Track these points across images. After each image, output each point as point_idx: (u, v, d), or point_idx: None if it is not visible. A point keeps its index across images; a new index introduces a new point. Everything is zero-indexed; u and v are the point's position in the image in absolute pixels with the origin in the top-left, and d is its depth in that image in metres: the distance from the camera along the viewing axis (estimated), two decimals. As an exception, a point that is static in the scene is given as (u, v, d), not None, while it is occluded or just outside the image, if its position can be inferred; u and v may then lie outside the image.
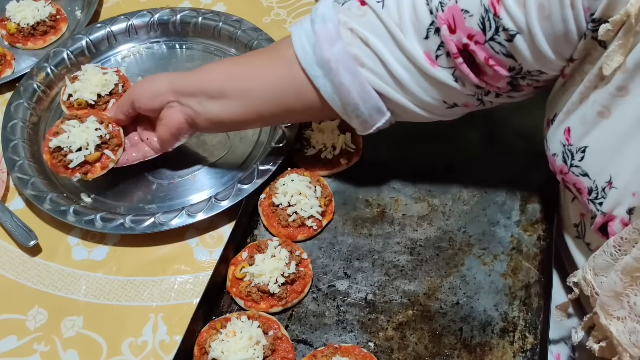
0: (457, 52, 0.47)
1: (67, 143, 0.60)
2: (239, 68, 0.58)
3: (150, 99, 0.59)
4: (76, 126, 0.61)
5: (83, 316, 0.57)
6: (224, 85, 0.56)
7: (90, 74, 0.71)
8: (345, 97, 0.52)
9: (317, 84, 0.53)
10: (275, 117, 0.59)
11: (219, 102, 0.57)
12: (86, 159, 0.61)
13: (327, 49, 0.51)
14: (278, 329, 0.53)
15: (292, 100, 0.55)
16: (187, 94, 0.58)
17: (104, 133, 0.61)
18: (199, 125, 0.60)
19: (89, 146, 0.61)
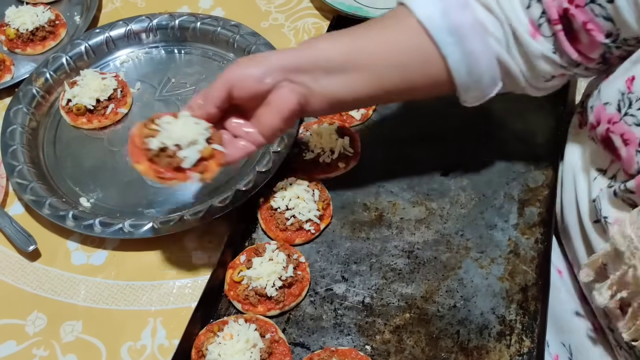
0: (558, 17, 0.48)
1: (174, 139, 0.49)
2: (359, 39, 0.53)
3: (256, 82, 0.51)
4: (171, 122, 0.51)
5: (82, 320, 0.58)
6: (344, 57, 0.52)
7: (89, 78, 0.73)
8: (473, 66, 0.52)
9: (446, 51, 0.51)
10: (397, 92, 0.55)
11: (338, 77, 0.52)
12: (201, 155, 0.51)
13: (459, 15, 0.50)
14: (275, 332, 0.54)
15: (417, 71, 0.53)
16: (299, 70, 0.51)
17: (206, 126, 0.51)
18: (313, 106, 0.53)
19: (197, 141, 0.50)
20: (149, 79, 0.79)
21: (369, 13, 0.83)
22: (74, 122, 0.74)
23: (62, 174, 0.70)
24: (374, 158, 0.69)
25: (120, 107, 0.74)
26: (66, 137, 0.73)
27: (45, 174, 0.69)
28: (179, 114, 0.52)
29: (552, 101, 0.71)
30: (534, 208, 0.64)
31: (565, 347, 0.58)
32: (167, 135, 0.50)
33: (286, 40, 0.83)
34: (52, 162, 0.71)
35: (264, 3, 0.89)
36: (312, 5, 0.89)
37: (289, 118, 0.53)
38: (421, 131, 0.71)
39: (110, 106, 0.73)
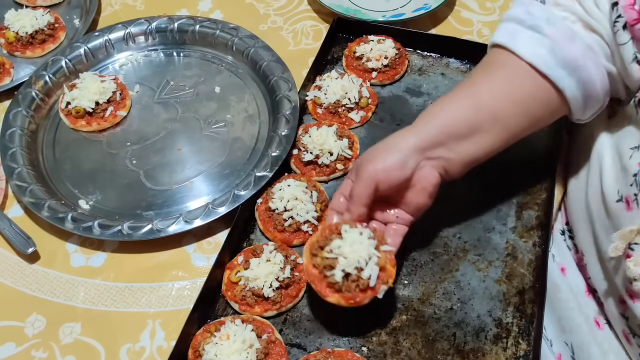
0: (637, 17, 0.49)
1: (353, 263, 0.51)
2: (478, 98, 0.56)
3: (400, 171, 0.53)
4: (341, 244, 0.53)
5: (81, 322, 0.60)
6: (471, 121, 0.55)
7: (88, 81, 0.75)
8: (590, 91, 0.54)
9: (561, 84, 0.54)
10: (524, 131, 0.58)
11: (470, 141, 0.55)
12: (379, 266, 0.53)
13: (568, 48, 0.53)
14: (272, 333, 0.55)
15: (540, 110, 0.56)
16: (433, 146, 0.54)
17: (369, 234, 0.54)
18: (452, 173, 0.57)
19: (371, 254, 0.52)
20: (148, 82, 0.81)
21: (366, 16, 0.85)
22: (73, 124, 0.76)
23: (61, 177, 0.71)
24: (372, 160, 0.70)
25: (119, 109, 0.76)
26: (65, 140, 0.75)
27: (45, 177, 0.71)
28: (342, 230, 0.54)
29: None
30: (532, 211, 0.65)
31: (568, 346, 0.59)
32: (345, 262, 0.52)
33: (285, 43, 0.85)
34: (52, 164, 0.73)
35: (263, 6, 0.91)
36: (311, 8, 0.91)
37: (433, 193, 0.57)
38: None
39: (110, 109, 0.75)
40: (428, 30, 0.86)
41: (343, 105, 0.73)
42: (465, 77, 0.78)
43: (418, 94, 0.77)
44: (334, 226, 0.56)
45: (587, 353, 0.57)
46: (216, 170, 0.71)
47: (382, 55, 0.77)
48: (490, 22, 0.87)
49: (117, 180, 0.70)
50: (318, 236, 0.56)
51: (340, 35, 0.84)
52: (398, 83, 0.78)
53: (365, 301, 0.53)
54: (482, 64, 0.59)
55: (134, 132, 0.75)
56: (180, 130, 0.75)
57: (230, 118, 0.76)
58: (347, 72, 0.78)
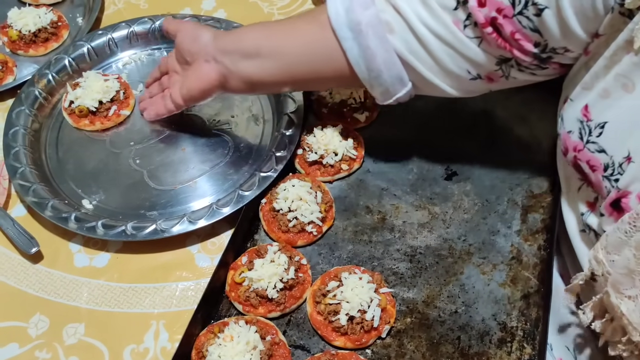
0: (485, 21, 0.51)
1: (357, 306, 0.56)
2: (274, 28, 0.62)
3: (191, 41, 0.64)
4: (343, 290, 0.57)
5: (84, 323, 0.60)
6: (259, 43, 0.60)
7: (92, 80, 0.76)
8: (370, 62, 0.56)
9: (345, 45, 0.56)
10: (306, 80, 0.63)
11: (253, 61, 0.60)
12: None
13: (360, 12, 0.55)
14: (275, 334, 0.56)
15: (322, 63, 0.59)
16: (223, 51, 0.61)
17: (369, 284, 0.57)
18: (231, 85, 0.63)
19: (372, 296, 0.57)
20: (151, 82, 0.81)
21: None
22: (76, 123, 0.76)
23: (65, 176, 0.72)
24: (377, 160, 0.70)
25: (122, 108, 0.77)
26: (69, 139, 0.75)
27: (48, 176, 0.71)
28: (341, 277, 0.58)
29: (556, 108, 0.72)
30: (537, 214, 0.65)
31: (569, 350, 0.59)
32: (348, 306, 0.55)
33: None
34: (55, 163, 0.73)
35: (267, 5, 0.91)
36: (314, 7, 0.90)
37: (206, 90, 0.64)
38: (425, 135, 0.72)
39: (113, 108, 0.75)
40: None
41: (348, 105, 0.73)
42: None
43: (424, 95, 0.75)
44: (333, 273, 0.60)
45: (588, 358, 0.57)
46: (220, 170, 0.71)
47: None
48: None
49: (121, 180, 0.71)
50: (318, 284, 0.59)
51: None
52: (404, 83, 0.78)
53: (370, 341, 0.56)
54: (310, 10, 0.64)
55: (137, 132, 0.75)
56: (184, 130, 0.75)
57: (234, 118, 0.76)
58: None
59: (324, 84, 0.67)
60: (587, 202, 0.54)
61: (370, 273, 0.59)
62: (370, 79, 0.58)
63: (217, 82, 0.63)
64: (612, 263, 0.45)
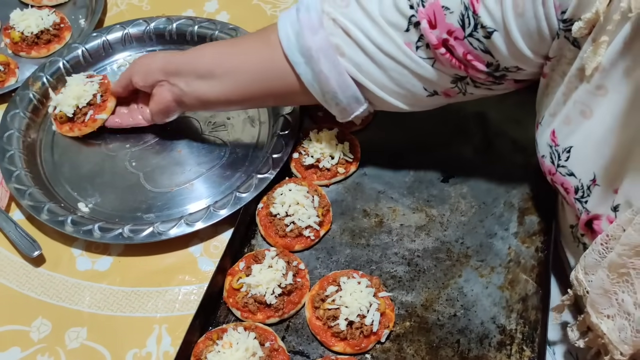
0: (438, 42, 0.49)
1: (356, 311, 0.53)
2: (227, 49, 0.61)
3: (143, 77, 0.63)
4: (342, 294, 0.54)
5: (87, 327, 0.57)
6: (212, 65, 0.59)
7: (73, 84, 0.70)
8: (324, 85, 0.55)
9: (298, 70, 0.55)
10: (260, 99, 0.61)
11: (206, 82, 0.59)
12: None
13: (309, 37, 0.53)
14: (274, 340, 0.53)
15: (275, 83, 0.58)
16: (176, 74, 0.60)
17: (368, 289, 0.55)
18: (187, 104, 0.62)
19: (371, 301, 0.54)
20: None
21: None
22: (59, 129, 0.71)
23: (60, 179, 0.68)
24: (373, 163, 0.67)
25: (99, 113, 0.70)
26: (64, 142, 0.72)
27: (43, 179, 0.68)
28: (339, 281, 0.55)
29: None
30: (534, 216, 0.61)
31: (572, 354, 0.56)
32: (348, 311, 0.53)
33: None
34: (50, 167, 0.70)
35: (269, 7, 0.87)
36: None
37: (165, 111, 0.64)
38: (421, 137, 0.69)
39: (89, 113, 0.70)
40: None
41: (345, 108, 0.69)
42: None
43: None
44: (331, 278, 0.56)
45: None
46: (217, 172, 0.67)
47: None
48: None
49: (117, 183, 0.67)
50: (317, 289, 0.56)
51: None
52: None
53: (370, 346, 0.53)
54: (260, 30, 0.61)
55: (133, 134, 0.72)
56: (180, 132, 0.72)
57: (230, 120, 0.72)
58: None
59: (278, 102, 0.65)
60: (575, 216, 0.52)
61: (369, 277, 0.56)
62: (326, 100, 0.57)
63: (173, 103, 0.63)
64: (590, 283, 0.44)
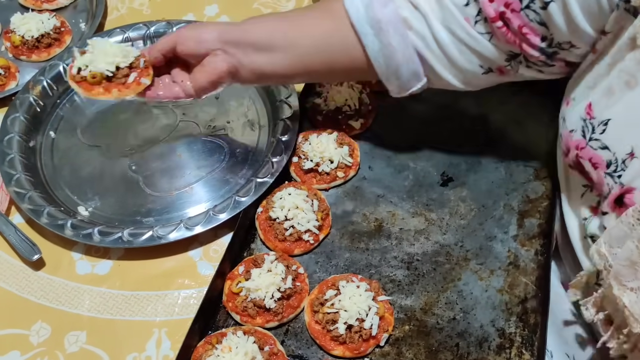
0: (495, 15, 0.49)
1: (354, 315, 0.52)
2: (288, 21, 0.58)
3: (196, 44, 0.57)
4: (345, 285, 0.54)
5: (86, 331, 0.57)
6: (272, 37, 0.56)
7: (102, 45, 0.60)
8: (390, 58, 0.54)
9: (365, 41, 0.54)
10: (319, 73, 0.59)
11: (265, 54, 0.57)
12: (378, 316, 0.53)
13: (379, 9, 0.52)
14: (274, 344, 0.52)
15: (337, 55, 0.56)
16: (233, 44, 0.57)
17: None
18: (242, 76, 0.59)
19: (370, 305, 0.53)
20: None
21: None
22: (87, 92, 0.60)
23: (60, 183, 0.68)
24: (373, 167, 0.66)
25: (143, 76, 0.60)
26: (63, 145, 0.71)
27: (43, 183, 0.67)
28: (339, 285, 0.55)
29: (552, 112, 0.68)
30: (533, 219, 0.60)
31: (569, 357, 0.56)
32: (347, 315, 0.52)
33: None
34: (50, 170, 0.69)
35: (269, 11, 0.86)
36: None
37: (216, 82, 0.58)
38: (421, 141, 0.68)
39: (133, 74, 0.59)
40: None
41: (343, 112, 0.68)
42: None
43: (419, 100, 0.70)
44: (330, 282, 0.56)
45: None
46: (216, 176, 0.66)
47: (384, 60, 0.72)
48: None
49: (117, 187, 0.66)
50: (316, 293, 0.55)
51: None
52: (399, 88, 0.73)
53: (369, 350, 0.52)
54: (318, 2, 0.59)
55: (133, 138, 0.71)
56: (179, 136, 0.71)
57: (230, 123, 0.71)
58: (347, 78, 0.74)
59: (336, 76, 0.62)
60: (590, 207, 0.51)
61: (368, 281, 0.55)
62: (388, 74, 0.56)
63: (227, 74, 0.58)
64: (615, 256, 0.44)
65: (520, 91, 0.70)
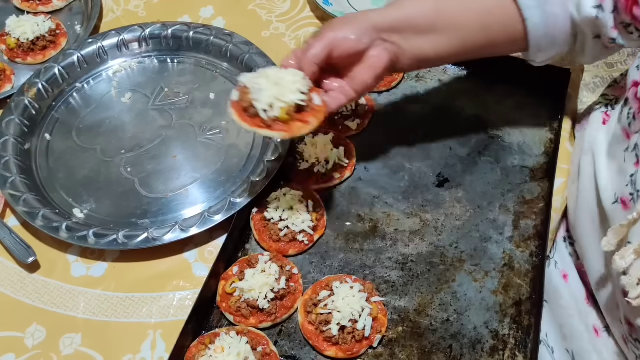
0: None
1: (345, 315, 0.52)
2: (445, 1, 0.55)
3: (355, 43, 0.53)
4: (339, 285, 0.54)
5: (81, 333, 0.57)
6: (434, 18, 0.54)
7: (271, 74, 0.53)
8: (551, 28, 0.54)
9: (527, 14, 0.53)
10: (478, 50, 0.58)
11: (427, 37, 0.54)
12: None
13: None
14: (267, 345, 0.52)
15: (497, 31, 0.55)
16: (391, 30, 0.54)
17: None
18: (402, 64, 0.56)
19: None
20: (142, 89, 0.77)
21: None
22: (286, 131, 0.52)
23: (55, 185, 0.68)
24: (369, 168, 0.66)
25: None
26: (59, 148, 0.71)
27: (38, 185, 0.67)
28: (332, 286, 0.54)
29: (548, 113, 0.68)
30: (529, 221, 0.61)
31: (569, 353, 0.56)
32: (340, 316, 0.52)
33: (287, 50, 0.80)
34: (45, 173, 0.69)
35: (265, 13, 0.86)
36: (313, 14, 0.85)
37: (381, 75, 0.55)
38: (416, 142, 0.68)
39: (315, 95, 0.53)
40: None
41: (340, 113, 0.68)
42: (462, 83, 0.74)
43: (415, 101, 0.72)
44: (324, 283, 0.56)
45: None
46: (212, 178, 0.67)
47: (379, 61, 0.73)
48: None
49: (112, 189, 0.67)
50: (310, 294, 0.55)
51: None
52: (395, 90, 0.73)
53: (362, 351, 0.53)
54: None
55: (128, 140, 0.71)
56: (175, 137, 0.71)
57: (225, 125, 0.72)
58: (343, 78, 0.74)
59: (487, 53, 0.59)
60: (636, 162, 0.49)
61: (362, 282, 0.55)
62: (543, 45, 0.55)
63: (389, 64, 0.55)
64: None
65: (517, 92, 0.70)
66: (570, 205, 0.60)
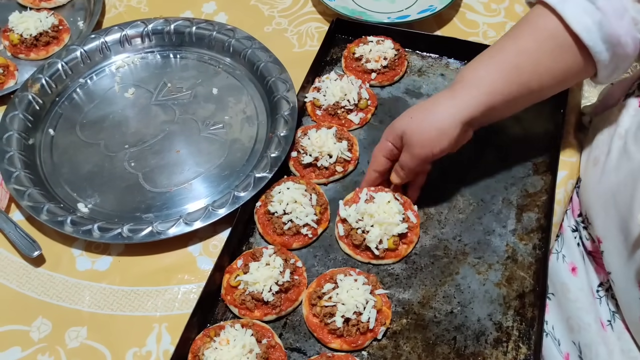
0: None
1: (350, 307, 0.54)
2: (522, 70, 0.55)
3: (450, 149, 0.56)
4: (343, 278, 0.55)
5: (87, 326, 0.58)
6: (513, 95, 0.55)
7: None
8: (621, 65, 0.54)
9: (598, 57, 0.53)
10: (546, 96, 0.59)
11: (505, 109, 0.57)
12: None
13: (616, 23, 0.51)
14: (271, 337, 0.53)
15: (572, 80, 0.57)
16: (478, 122, 0.56)
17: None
18: (476, 128, 0.59)
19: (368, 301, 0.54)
20: (145, 84, 0.78)
21: (372, 18, 0.81)
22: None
23: (60, 180, 0.69)
24: (371, 162, 0.67)
25: None
26: (63, 143, 0.73)
27: (43, 180, 0.68)
28: (336, 279, 0.56)
29: (551, 106, 0.69)
30: (532, 214, 0.62)
31: (576, 345, 0.57)
32: (344, 308, 0.53)
33: (289, 45, 0.81)
34: (49, 167, 0.70)
35: (267, 8, 0.88)
36: (315, 9, 0.87)
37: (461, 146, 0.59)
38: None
39: None
40: (433, 32, 0.81)
41: (342, 107, 0.70)
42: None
43: (417, 95, 0.73)
44: (328, 275, 0.57)
45: (595, 352, 0.55)
46: (215, 172, 0.68)
47: (382, 56, 0.73)
48: (495, 23, 0.83)
49: (116, 183, 0.68)
50: (314, 287, 0.56)
51: (339, 36, 0.80)
52: (397, 84, 0.74)
53: (366, 343, 0.54)
54: (526, 24, 0.56)
55: (132, 135, 0.72)
56: (178, 132, 0.72)
57: (228, 119, 0.73)
58: (346, 73, 0.74)
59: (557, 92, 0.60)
60: None
61: (366, 275, 0.56)
62: (610, 76, 0.56)
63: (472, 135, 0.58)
64: None
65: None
66: (587, 188, 0.60)
